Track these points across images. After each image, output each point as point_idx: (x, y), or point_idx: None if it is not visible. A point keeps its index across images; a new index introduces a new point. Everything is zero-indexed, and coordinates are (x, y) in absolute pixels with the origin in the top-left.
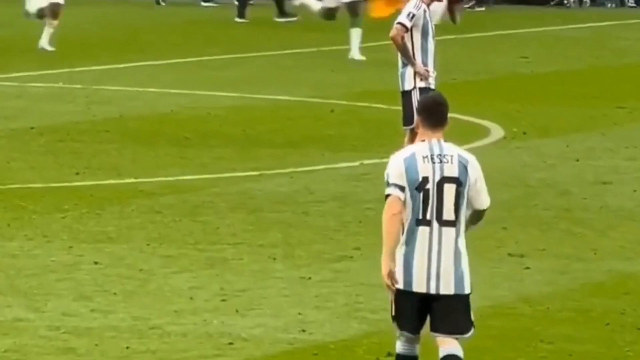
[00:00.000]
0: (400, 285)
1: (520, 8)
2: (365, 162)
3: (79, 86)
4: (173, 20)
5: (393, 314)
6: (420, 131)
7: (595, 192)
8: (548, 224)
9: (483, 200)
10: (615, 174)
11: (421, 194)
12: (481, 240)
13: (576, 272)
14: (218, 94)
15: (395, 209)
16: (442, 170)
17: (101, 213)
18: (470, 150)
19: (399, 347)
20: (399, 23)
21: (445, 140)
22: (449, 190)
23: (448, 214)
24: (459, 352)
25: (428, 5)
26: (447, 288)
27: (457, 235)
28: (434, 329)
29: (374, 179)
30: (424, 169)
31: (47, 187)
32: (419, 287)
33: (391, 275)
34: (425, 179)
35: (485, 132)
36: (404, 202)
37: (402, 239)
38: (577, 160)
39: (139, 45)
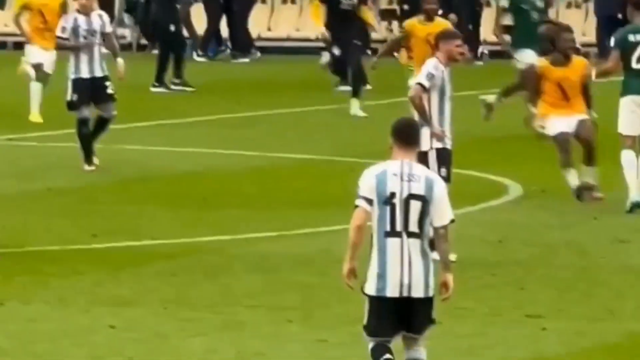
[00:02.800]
0: (373, 292)
1: None
2: None
3: (97, 145)
4: (192, 79)
5: (365, 322)
6: (394, 152)
7: (613, 251)
8: (566, 284)
9: (444, 217)
10: (634, 233)
11: (388, 208)
12: (499, 300)
13: (593, 333)
14: (238, 153)
15: (360, 220)
16: (410, 187)
17: (118, 276)
18: (489, 209)
19: (372, 343)
20: (418, 83)
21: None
22: (415, 206)
23: (414, 226)
24: (424, 357)
25: (446, 65)
26: (418, 291)
27: (422, 245)
28: (406, 328)
29: None
30: (392, 185)
31: (64, 249)
32: (392, 292)
33: (352, 272)
34: (393, 194)
35: (504, 190)
36: (371, 214)
37: (374, 249)
38: (595, 218)
39: (157, 103)
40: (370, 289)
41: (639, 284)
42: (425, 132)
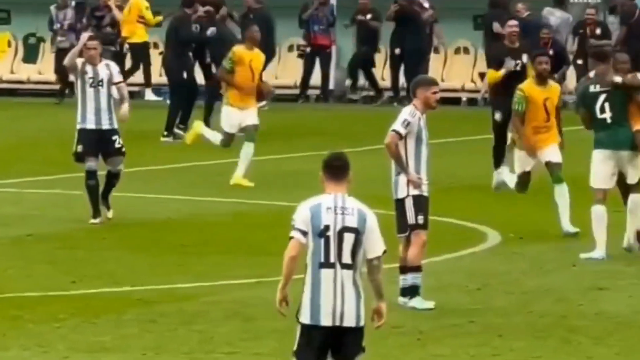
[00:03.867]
0: (307, 320)
1: None
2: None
3: (76, 192)
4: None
5: (295, 349)
6: (326, 185)
7: (591, 298)
8: (544, 332)
9: (377, 249)
10: (612, 280)
11: (322, 240)
12: (477, 347)
13: None
14: (217, 200)
15: (294, 252)
16: (343, 220)
17: (97, 322)
18: (467, 256)
19: None
20: (394, 130)
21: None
22: (348, 238)
23: (347, 258)
24: None
25: (422, 112)
26: (350, 321)
27: (355, 276)
28: (337, 356)
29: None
30: (326, 218)
31: (44, 295)
32: (325, 321)
33: (283, 300)
34: (327, 227)
35: (482, 237)
36: (305, 245)
37: (308, 279)
38: (574, 265)
39: (136, 150)
40: (305, 317)
41: (618, 331)
42: (401, 179)
